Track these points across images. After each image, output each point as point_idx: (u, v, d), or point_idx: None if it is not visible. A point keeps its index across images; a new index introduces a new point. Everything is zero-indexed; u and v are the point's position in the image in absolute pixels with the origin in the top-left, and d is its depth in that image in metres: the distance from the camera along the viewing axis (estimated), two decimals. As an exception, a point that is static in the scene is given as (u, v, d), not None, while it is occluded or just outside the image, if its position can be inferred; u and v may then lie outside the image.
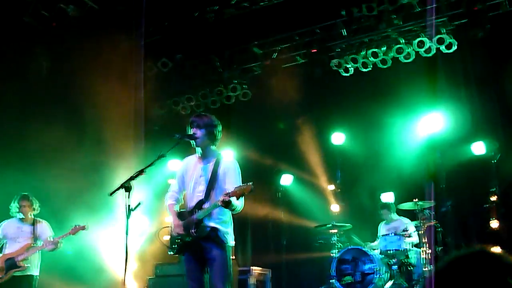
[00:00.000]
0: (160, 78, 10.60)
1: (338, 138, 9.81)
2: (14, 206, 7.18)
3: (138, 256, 9.11)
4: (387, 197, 9.07)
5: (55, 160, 8.58)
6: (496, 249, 1.70)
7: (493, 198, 8.21)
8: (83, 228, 7.05)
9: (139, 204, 4.31)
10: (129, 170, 4.49)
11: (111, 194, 4.32)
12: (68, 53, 9.40)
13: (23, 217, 7.16)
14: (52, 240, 7.05)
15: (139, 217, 7.31)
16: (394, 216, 8.72)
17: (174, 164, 9.73)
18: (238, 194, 4.58)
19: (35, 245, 7.01)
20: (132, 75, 9.66)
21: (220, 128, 5.14)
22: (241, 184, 4.70)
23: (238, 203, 4.75)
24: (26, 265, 6.90)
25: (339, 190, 9.72)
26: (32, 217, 7.27)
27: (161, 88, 10.62)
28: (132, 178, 4.35)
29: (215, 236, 4.83)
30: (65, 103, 9.36)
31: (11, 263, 6.88)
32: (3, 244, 7.18)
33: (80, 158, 8.94)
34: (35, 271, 7.09)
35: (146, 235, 9.11)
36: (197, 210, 4.88)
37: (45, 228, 7.26)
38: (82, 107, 9.26)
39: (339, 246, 8.51)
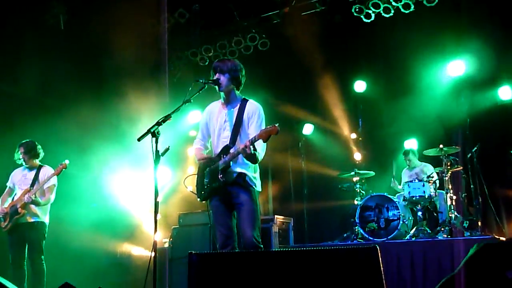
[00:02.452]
0: (178, 29, 10.44)
1: (360, 85, 9.67)
2: (16, 154, 7.20)
3: (162, 206, 9.20)
4: (411, 143, 8.98)
5: (77, 113, 8.59)
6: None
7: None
8: (64, 166, 6.93)
9: (167, 148, 4.29)
10: (153, 119, 4.42)
11: (138, 139, 4.29)
12: (86, 4, 9.27)
13: (27, 164, 7.18)
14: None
15: (161, 167, 7.36)
16: (418, 162, 8.66)
17: (194, 116, 9.73)
18: (264, 136, 4.51)
19: (32, 189, 7.00)
20: (152, 26, 9.51)
21: (243, 72, 5.06)
22: (267, 126, 4.62)
23: (260, 150, 4.70)
24: (24, 210, 6.84)
25: (361, 138, 9.64)
26: (38, 163, 7.22)
27: (179, 39, 10.49)
28: (158, 123, 4.31)
29: (242, 181, 4.81)
30: (84, 55, 9.30)
31: (14, 210, 6.89)
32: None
33: (101, 109, 8.94)
34: (42, 217, 6.99)
35: (169, 185, 9.19)
36: (223, 156, 4.85)
37: (44, 173, 7.09)
38: (101, 58, 9.19)
39: (362, 194, 8.51)
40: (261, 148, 4.73)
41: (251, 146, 4.55)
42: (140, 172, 8.60)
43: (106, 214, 8.62)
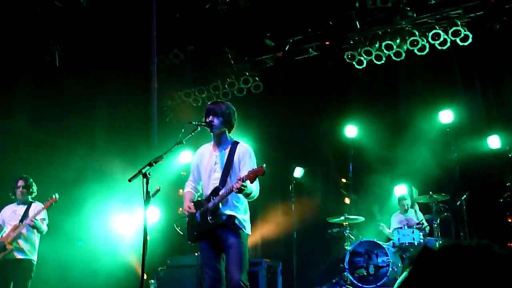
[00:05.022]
0: (172, 70, 10.56)
1: (351, 130, 9.74)
2: (12, 187, 7.13)
3: (149, 246, 9.10)
4: (401, 189, 9.01)
5: (69, 149, 8.58)
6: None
7: (508, 193, 8.12)
8: (54, 200, 6.86)
9: (158, 190, 4.28)
10: (143, 160, 4.43)
11: (129, 180, 4.28)
12: (81, 43, 9.39)
13: (19, 199, 7.10)
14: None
15: (151, 207, 7.34)
16: (409, 208, 8.67)
17: (185, 156, 9.72)
18: (251, 177, 4.53)
19: (20, 225, 6.88)
20: (145, 67, 9.62)
21: (236, 115, 5.11)
22: (255, 167, 4.65)
23: (253, 188, 4.72)
24: (11, 246, 6.73)
25: (351, 183, 9.66)
26: (29, 199, 7.15)
27: (172, 79, 10.59)
28: (150, 164, 4.31)
29: (231, 223, 4.80)
30: (78, 92, 9.35)
31: (1, 247, 6.76)
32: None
33: (93, 147, 8.95)
34: (30, 255, 6.87)
35: (158, 225, 9.11)
36: (213, 198, 4.84)
37: (34, 209, 7.01)
38: (94, 97, 9.26)
39: (351, 239, 8.47)
40: (254, 186, 4.73)
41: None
42: (129, 212, 8.54)
43: (92, 253, 8.50)
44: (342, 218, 8.48)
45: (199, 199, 5.08)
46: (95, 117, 9.46)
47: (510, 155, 8.20)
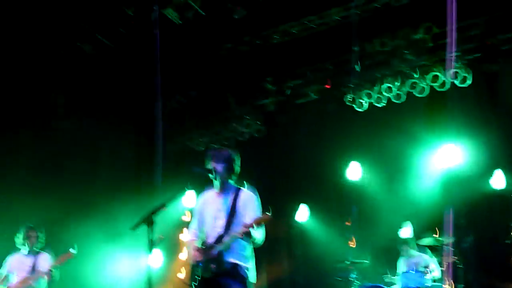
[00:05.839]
0: (174, 115, 10.64)
1: (353, 173, 9.72)
2: (20, 237, 7.05)
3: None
4: (406, 232, 8.91)
5: (73, 198, 8.59)
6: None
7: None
8: (69, 255, 6.81)
9: (161, 238, 4.24)
10: (146, 207, 4.42)
11: (133, 228, 4.25)
12: (83, 91, 9.51)
13: (28, 249, 7.02)
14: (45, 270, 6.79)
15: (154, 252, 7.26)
16: (414, 252, 8.55)
17: (188, 200, 9.68)
18: (256, 223, 4.53)
19: (30, 276, 6.80)
20: (147, 113, 9.70)
21: (238, 161, 5.11)
22: (259, 215, 4.64)
23: (258, 235, 4.68)
24: None
25: (355, 225, 9.55)
26: (36, 249, 7.08)
27: (175, 124, 10.65)
28: (154, 212, 4.27)
29: (235, 272, 4.73)
30: (79, 142, 9.41)
31: None
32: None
33: (95, 196, 8.95)
34: None
35: (161, 272, 9.00)
36: (216, 245, 4.79)
37: (44, 260, 6.97)
38: (96, 146, 9.32)
39: (356, 284, 8.33)
40: (259, 232, 4.70)
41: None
42: (132, 260, 8.46)
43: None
44: (347, 262, 8.37)
45: (203, 246, 5.01)
46: (99, 164, 9.48)
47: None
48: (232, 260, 4.75)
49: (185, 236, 5.29)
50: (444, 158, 8.81)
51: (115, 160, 9.13)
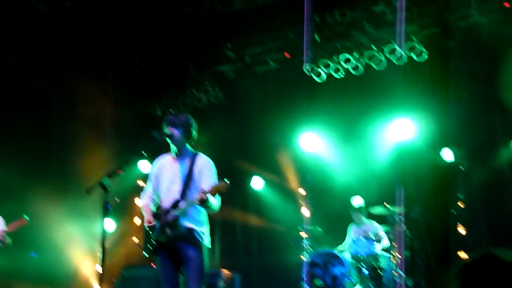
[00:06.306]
0: (131, 79, 10.47)
1: (308, 143, 9.82)
2: None
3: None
4: (358, 200, 9.13)
5: (26, 161, 8.40)
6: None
7: (461, 205, 8.35)
8: (22, 222, 6.75)
9: (116, 201, 4.23)
10: (102, 171, 4.39)
11: (87, 191, 4.21)
12: (38, 50, 9.23)
13: None
14: None
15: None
16: (365, 219, 8.78)
17: (143, 165, 9.62)
18: (213, 191, 4.56)
19: None
20: (105, 75, 9.52)
21: (196, 127, 5.09)
22: (217, 182, 4.66)
23: (215, 202, 4.72)
24: None
25: (309, 194, 9.72)
26: None
27: (132, 89, 10.49)
28: (109, 175, 4.25)
29: (190, 236, 4.77)
30: (35, 100, 9.17)
31: None
32: None
33: (50, 159, 8.79)
34: None
35: (113, 237, 8.97)
36: (172, 210, 4.80)
37: None
38: (51, 104, 9.11)
39: (309, 250, 8.52)
40: (216, 199, 4.74)
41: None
42: (84, 223, 8.39)
43: (45, 264, 8.31)
44: (300, 228, 8.53)
45: (158, 211, 5.01)
46: (53, 125, 9.29)
47: (462, 169, 8.42)
48: (187, 224, 4.78)
49: (140, 200, 5.25)
50: (398, 131, 9.00)
51: (71, 120, 8.94)
